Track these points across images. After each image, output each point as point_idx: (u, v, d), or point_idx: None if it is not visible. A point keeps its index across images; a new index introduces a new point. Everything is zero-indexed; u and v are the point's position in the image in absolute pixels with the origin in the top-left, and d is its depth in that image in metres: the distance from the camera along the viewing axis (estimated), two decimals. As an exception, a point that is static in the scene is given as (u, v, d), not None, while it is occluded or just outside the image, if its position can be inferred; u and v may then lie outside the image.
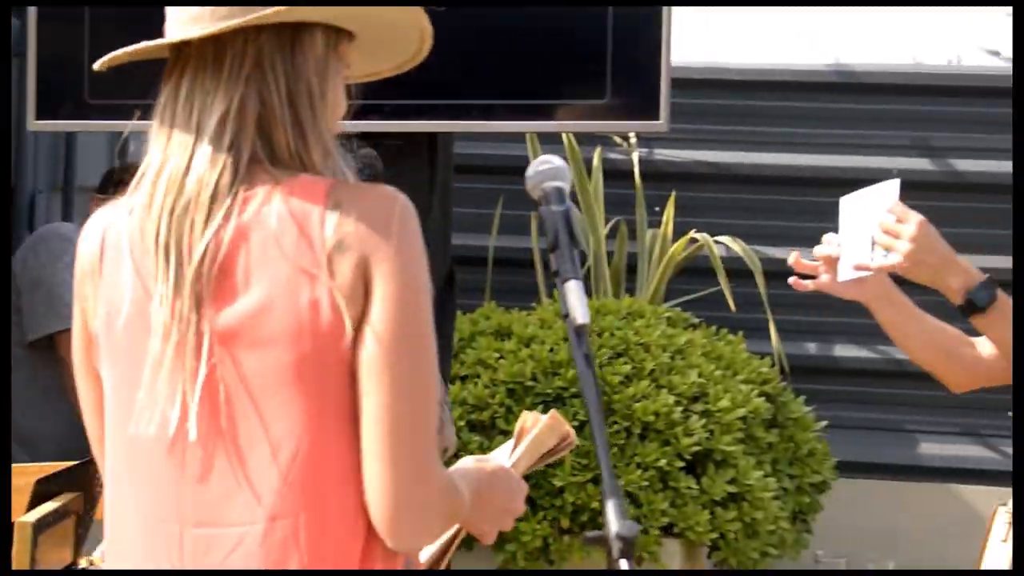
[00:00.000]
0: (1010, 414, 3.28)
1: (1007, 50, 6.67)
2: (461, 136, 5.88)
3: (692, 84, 6.82)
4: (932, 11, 6.79)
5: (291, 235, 2.19)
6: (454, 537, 2.53)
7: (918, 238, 3.09)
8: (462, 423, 5.92)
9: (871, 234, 3.14)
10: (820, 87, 6.91)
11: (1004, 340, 3.19)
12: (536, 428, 2.59)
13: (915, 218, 3.11)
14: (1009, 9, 6.06)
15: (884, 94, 6.98)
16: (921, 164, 6.90)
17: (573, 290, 2.41)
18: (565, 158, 6.17)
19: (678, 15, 4.57)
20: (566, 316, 2.41)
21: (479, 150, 6.81)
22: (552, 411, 2.69)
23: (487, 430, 5.97)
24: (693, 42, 6.37)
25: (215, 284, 2.21)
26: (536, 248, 6.71)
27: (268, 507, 2.20)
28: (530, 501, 4.91)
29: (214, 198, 2.22)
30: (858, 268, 3.18)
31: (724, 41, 6.92)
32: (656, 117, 4.48)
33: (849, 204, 3.24)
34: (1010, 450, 6.35)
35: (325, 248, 2.18)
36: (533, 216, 6.40)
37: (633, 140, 6.75)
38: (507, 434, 5.41)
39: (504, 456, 2.57)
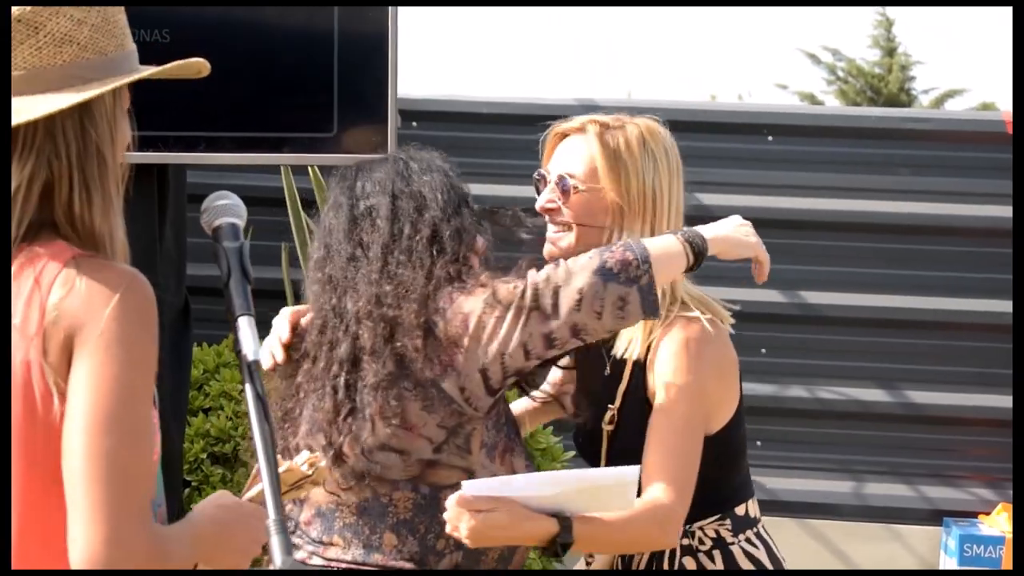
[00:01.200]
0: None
1: (794, 84, 6.79)
2: (216, 168, 5.82)
3: (437, 117, 6.86)
4: (725, 48, 6.91)
5: (24, 299, 2.24)
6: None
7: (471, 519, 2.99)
8: (204, 455, 5.88)
9: None
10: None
11: (596, 548, 3.29)
12: (282, 467, 2.64)
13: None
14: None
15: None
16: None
17: (244, 327, 2.43)
18: (311, 189, 6.21)
19: (420, 51, 4.63)
20: (239, 353, 2.42)
21: (233, 181, 6.76)
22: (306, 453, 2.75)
23: (230, 462, 5.93)
24: (438, 76, 6.42)
25: None
26: (287, 279, 6.67)
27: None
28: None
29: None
30: None
31: (470, 76, 6.98)
32: (384, 150, 4.51)
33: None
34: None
35: (45, 320, 2.23)
36: (284, 247, 6.37)
37: (383, 172, 6.76)
38: (249, 467, 5.38)
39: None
